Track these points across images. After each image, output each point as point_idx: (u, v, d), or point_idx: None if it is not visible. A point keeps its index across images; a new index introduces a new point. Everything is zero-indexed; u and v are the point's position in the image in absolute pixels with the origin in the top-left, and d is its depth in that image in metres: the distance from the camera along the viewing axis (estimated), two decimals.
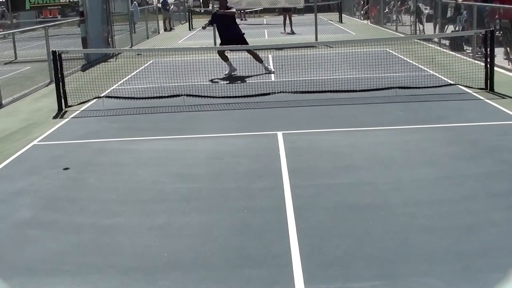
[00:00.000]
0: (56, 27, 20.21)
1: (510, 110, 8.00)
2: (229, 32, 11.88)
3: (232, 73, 11.97)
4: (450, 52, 14.00)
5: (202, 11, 36.72)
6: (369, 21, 26.27)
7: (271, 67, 12.23)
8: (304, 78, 10.78)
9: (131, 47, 18.98)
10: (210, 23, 12.59)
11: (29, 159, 6.61)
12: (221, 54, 12.00)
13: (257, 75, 11.47)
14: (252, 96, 9.52)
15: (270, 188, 5.40)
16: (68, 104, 9.48)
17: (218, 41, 12.88)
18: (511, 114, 7.83)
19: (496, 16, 13.25)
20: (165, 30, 27.21)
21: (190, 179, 5.76)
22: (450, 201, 4.94)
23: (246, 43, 12.04)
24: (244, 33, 12.09)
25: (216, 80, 11.45)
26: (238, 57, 12.23)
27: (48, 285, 3.83)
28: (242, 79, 10.84)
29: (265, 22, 29.87)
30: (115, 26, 18.18)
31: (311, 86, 9.88)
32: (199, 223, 4.71)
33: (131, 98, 9.59)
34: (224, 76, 11.79)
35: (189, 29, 27.15)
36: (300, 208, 4.89)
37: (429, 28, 18.17)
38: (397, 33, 20.01)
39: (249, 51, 12.02)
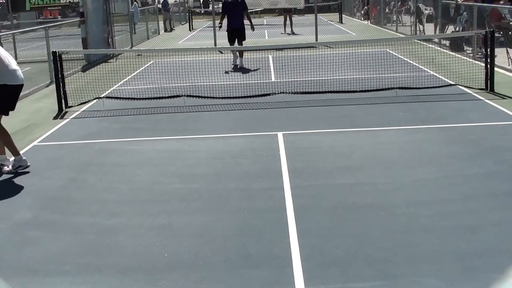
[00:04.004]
0: (56, 27, 20.20)
1: (510, 110, 8.01)
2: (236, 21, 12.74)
3: (236, 64, 12.71)
4: (450, 53, 14.01)
5: (202, 11, 36.76)
6: (369, 21, 26.29)
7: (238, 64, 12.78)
8: (304, 79, 10.79)
9: (131, 47, 18.99)
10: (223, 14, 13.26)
11: (30, 160, 6.61)
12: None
13: (257, 75, 11.47)
14: (252, 96, 9.52)
15: (270, 189, 5.40)
16: (69, 105, 9.49)
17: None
18: (511, 114, 7.84)
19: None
20: (165, 30, 27.23)
21: (190, 179, 5.77)
22: (450, 201, 4.94)
23: (244, 36, 12.90)
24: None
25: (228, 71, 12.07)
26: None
27: (48, 285, 3.83)
28: (242, 79, 10.84)
29: (265, 23, 29.86)
30: (115, 26, 18.19)
31: (311, 87, 9.88)
32: (199, 223, 4.71)
33: (131, 98, 9.60)
34: (232, 69, 12.45)
35: (189, 30, 27.18)
36: (300, 208, 4.89)
37: (429, 28, 18.19)
38: (397, 34, 20.03)
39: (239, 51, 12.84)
